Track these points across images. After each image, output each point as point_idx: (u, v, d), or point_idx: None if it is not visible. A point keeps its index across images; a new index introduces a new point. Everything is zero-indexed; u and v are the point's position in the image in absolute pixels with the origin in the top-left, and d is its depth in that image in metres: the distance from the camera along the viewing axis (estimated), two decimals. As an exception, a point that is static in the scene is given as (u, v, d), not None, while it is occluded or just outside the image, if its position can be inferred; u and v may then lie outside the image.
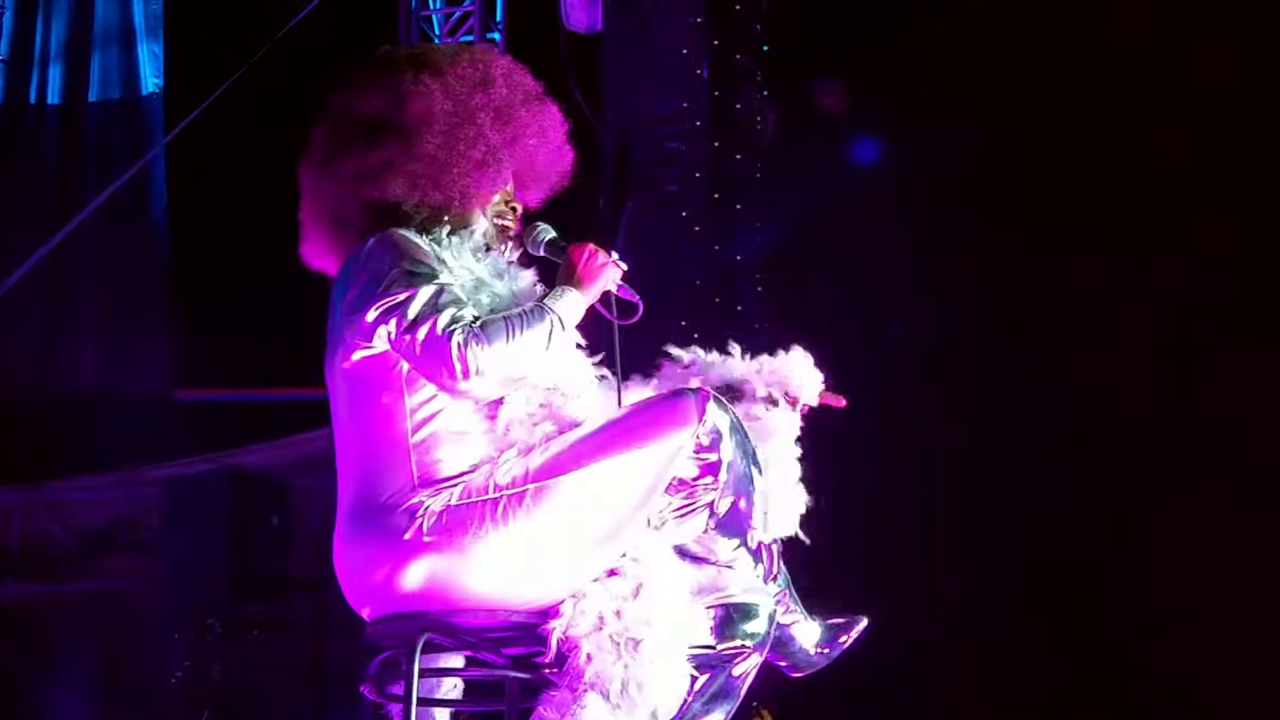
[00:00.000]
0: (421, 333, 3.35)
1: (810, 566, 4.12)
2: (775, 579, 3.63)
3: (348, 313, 3.47)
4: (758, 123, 8.99)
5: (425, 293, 3.40)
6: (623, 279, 3.68)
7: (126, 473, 9.50)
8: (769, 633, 3.49)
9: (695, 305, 8.52)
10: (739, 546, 3.51)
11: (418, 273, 3.45)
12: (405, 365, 3.42)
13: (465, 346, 3.33)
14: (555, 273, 3.66)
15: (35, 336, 10.07)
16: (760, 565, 3.54)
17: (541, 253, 3.74)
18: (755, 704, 7.75)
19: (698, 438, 3.40)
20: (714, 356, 4.11)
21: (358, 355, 3.46)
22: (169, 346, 10.05)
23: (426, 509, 3.31)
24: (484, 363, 3.34)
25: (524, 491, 3.31)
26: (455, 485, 3.35)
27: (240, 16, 9.59)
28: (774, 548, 3.61)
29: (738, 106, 8.75)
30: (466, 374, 3.33)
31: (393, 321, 3.38)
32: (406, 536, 3.30)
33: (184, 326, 9.96)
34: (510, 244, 3.78)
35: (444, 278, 3.47)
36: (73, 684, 8.76)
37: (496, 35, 9.43)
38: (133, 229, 10.03)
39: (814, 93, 9.23)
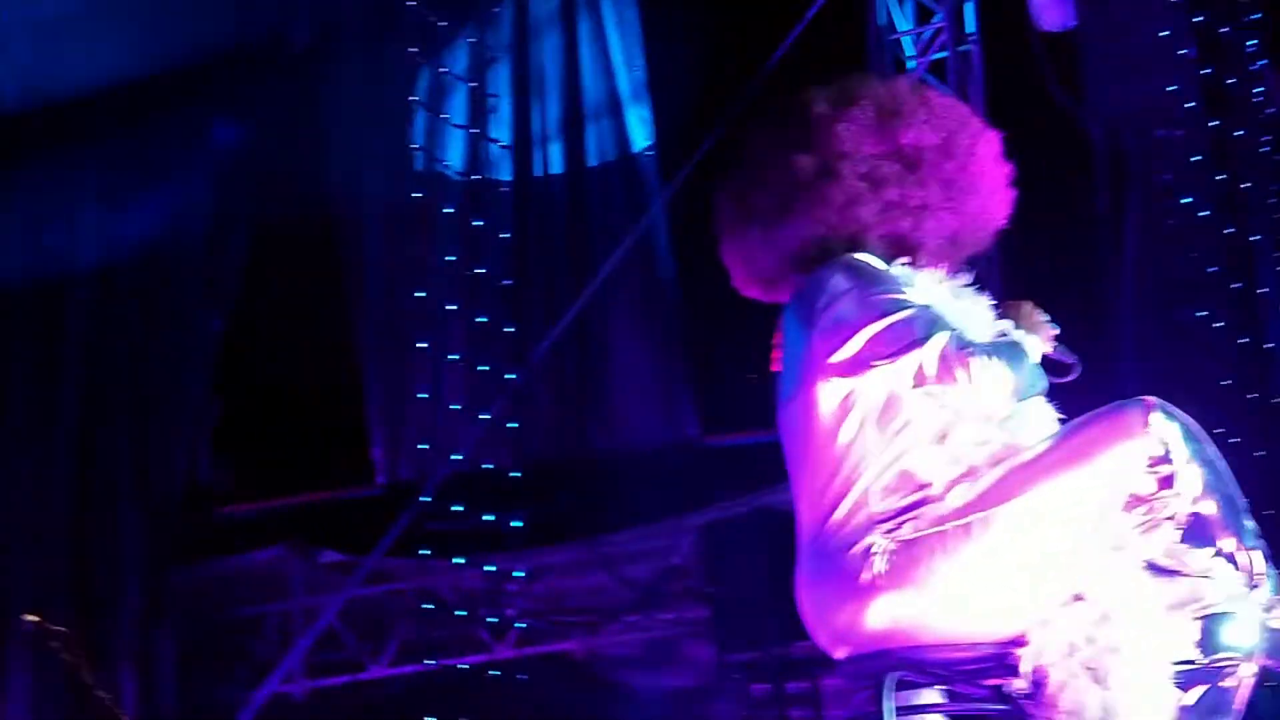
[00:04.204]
0: (933, 349, 3.38)
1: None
2: (1262, 583, 3.45)
3: (829, 339, 3.47)
4: (1255, 95, 8.61)
5: (920, 312, 3.45)
6: (1056, 339, 3.64)
7: (668, 522, 9.83)
8: (1260, 640, 3.33)
9: (1210, 293, 8.26)
10: (1215, 554, 3.37)
11: (900, 295, 3.48)
12: (877, 401, 3.43)
13: (977, 363, 3.37)
14: None
15: (569, 399, 10.53)
16: (1241, 571, 3.39)
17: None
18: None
19: (1148, 450, 3.30)
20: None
21: (829, 389, 3.47)
22: (694, 395, 10.31)
23: (881, 549, 3.33)
24: (993, 380, 3.38)
25: (970, 522, 3.29)
26: (909, 519, 3.35)
27: (718, 70, 9.80)
28: (1257, 549, 3.43)
29: (1230, 82, 8.41)
30: (982, 390, 3.38)
31: (897, 342, 3.41)
32: (863, 579, 3.32)
33: (705, 373, 10.20)
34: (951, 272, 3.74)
35: (918, 300, 3.50)
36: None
37: (969, 47, 9.31)
38: (644, 285, 10.36)
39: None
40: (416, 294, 10.13)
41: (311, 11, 10.80)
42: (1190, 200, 8.32)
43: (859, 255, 3.64)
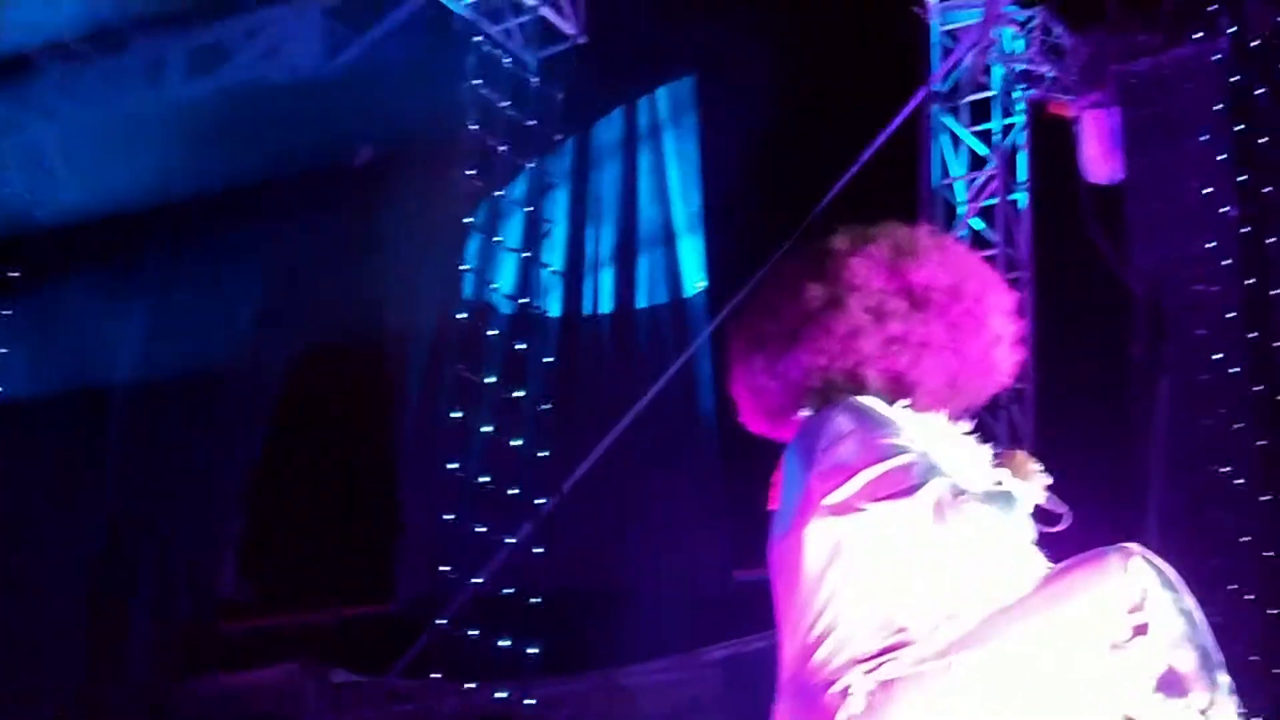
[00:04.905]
0: (928, 495, 3.33)
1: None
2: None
3: (827, 479, 3.42)
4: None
5: (918, 458, 3.41)
6: (1048, 489, 3.57)
7: (691, 654, 9.73)
8: (1230, 799, 3.24)
9: (1241, 451, 8.22)
10: (1188, 709, 3.28)
11: (900, 441, 3.45)
12: (866, 544, 3.38)
13: (970, 510, 3.32)
14: None
15: (605, 528, 10.50)
16: (1215, 728, 3.30)
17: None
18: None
19: (1126, 597, 3.24)
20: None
21: (821, 529, 3.42)
22: (727, 529, 10.26)
23: (859, 688, 3.27)
24: (984, 528, 3.34)
25: (949, 663, 3.24)
26: (889, 660, 3.29)
27: (773, 207, 9.84)
28: (1230, 706, 3.33)
29: (1270, 241, 8.41)
30: (973, 537, 3.34)
31: (893, 486, 3.36)
32: (838, 719, 3.25)
33: (739, 509, 10.13)
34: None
35: (916, 445, 3.47)
36: None
37: (1020, 195, 9.36)
38: (684, 422, 10.36)
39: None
40: (452, 414, 10.10)
41: (373, 130, 10.93)
42: (1221, 357, 8.31)
43: (864, 398, 3.62)
